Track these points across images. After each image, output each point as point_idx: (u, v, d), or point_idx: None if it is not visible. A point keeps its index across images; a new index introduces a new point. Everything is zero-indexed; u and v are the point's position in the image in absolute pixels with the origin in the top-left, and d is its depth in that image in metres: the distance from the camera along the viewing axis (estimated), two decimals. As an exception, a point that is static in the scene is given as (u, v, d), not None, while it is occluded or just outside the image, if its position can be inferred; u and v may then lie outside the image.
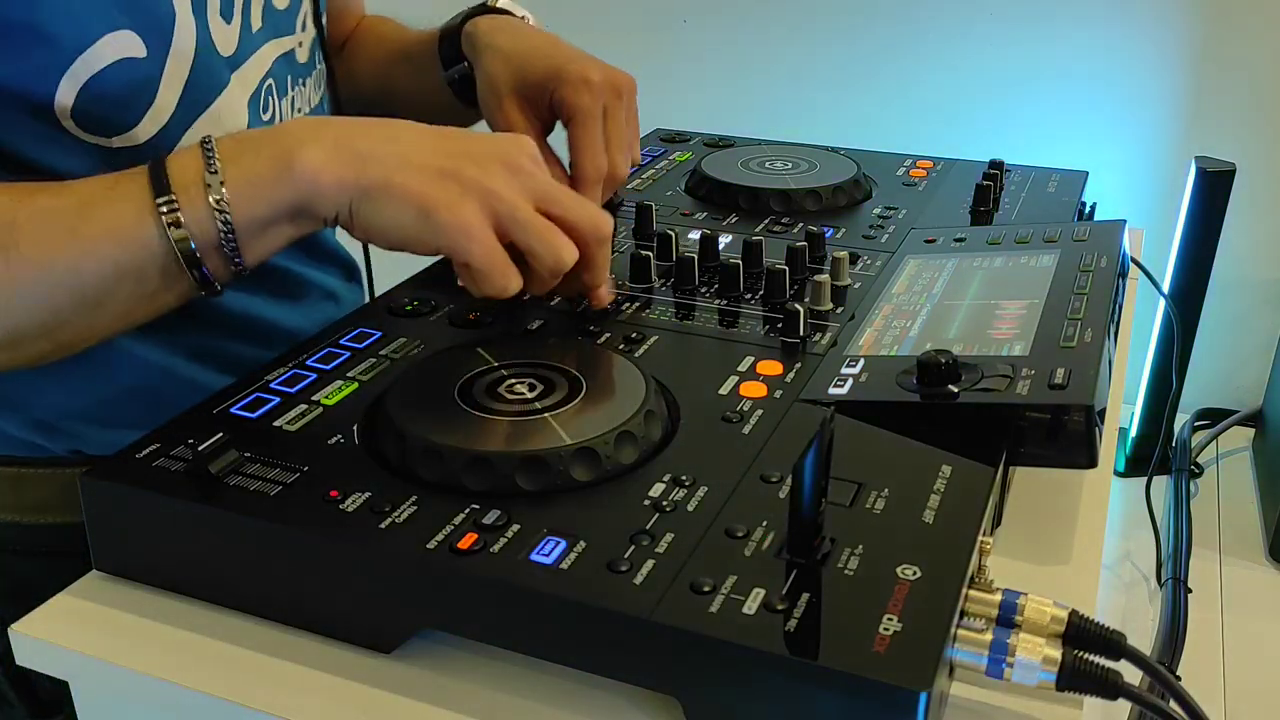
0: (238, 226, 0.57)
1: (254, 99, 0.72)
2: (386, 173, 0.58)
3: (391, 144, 0.59)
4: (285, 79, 0.76)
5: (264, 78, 0.73)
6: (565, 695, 0.48)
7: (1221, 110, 1.35)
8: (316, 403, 0.59)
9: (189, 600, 0.53)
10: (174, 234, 0.57)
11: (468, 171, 0.58)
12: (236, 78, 0.70)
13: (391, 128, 0.60)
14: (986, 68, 1.42)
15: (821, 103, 1.51)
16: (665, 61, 1.45)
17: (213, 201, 0.57)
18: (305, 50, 0.79)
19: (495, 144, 0.61)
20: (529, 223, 0.59)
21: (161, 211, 0.56)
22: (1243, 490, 1.28)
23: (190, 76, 0.66)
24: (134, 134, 0.65)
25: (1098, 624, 0.47)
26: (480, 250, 0.58)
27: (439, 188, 0.58)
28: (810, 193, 0.89)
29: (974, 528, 0.50)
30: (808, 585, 0.46)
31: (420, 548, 0.48)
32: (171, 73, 0.65)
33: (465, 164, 0.59)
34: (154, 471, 0.53)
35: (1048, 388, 0.56)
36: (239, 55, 0.70)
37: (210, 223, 0.57)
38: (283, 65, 0.76)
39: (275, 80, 0.75)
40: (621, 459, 0.53)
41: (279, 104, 0.75)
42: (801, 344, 0.66)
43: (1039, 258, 0.74)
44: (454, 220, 0.57)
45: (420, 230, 0.58)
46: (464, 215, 0.57)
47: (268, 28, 0.74)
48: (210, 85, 0.68)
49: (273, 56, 0.74)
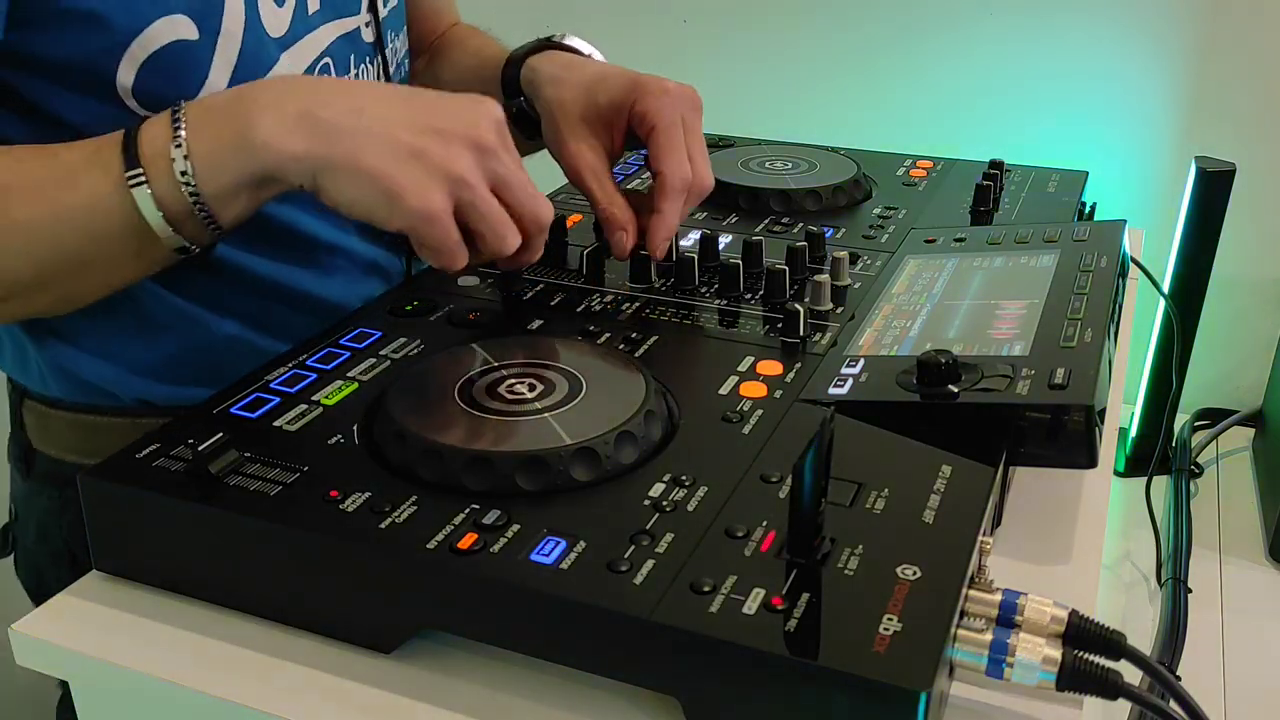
0: (205, 195, 0.59)
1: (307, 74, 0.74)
2: (352, 149, 0.58)
3: (356, 115, 0.59)
4: (347, 57, 0.78)
5: (320, 56, 0.75)
6: (565, 695, 0.48)
7: (1221, 110, 1.35)
8: (316, 403, 0.59)
9: (189, 600, 0.54)
10: (144, 205, 0.59)
11: (434, 152, 0.59)
12: (287, 56, 0.72)
13: (357, 94, 0.61)
14: (986, 68, 1.42)
15: (821, 103, 1.51)
16: (665, 61, 1.45)
17: (178, 174, 0.58)
18: (371, 31, 0.81)
19: (462, 115, 0.61)
20: (486, 212, 0.61)
21: (130, 184, 0.58)
22: (1243, 490, 1.27)
23: (240, 56, 0.68)
24: None
25: (1098, 624, 0.47)
26: (439, 234, 0.60)
27: (406, 171, 0.58)
28: (810, 193, 0.89)
29: (974, 528, 0.50)
30: (808, 585, 0.46)
31: (420, 548, 0.48)
32: (221, 53, 0.67)
33: (432, 142, 0.59)
34: (154, 471, 0.53)
35: (1048, 388, 0.56)
36: (291, 35, 0.72)
37: (178, 193, 0.59)
38: (343, 44, 0.77)
39: (334, 59, 0.76)
40: (621, 459, 0.53)
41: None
42: (801, 344, 0.66)
43: (1039, 258, 0.74)
44: (419, 207, 0.59)
45: (386, 212, 0.59)
46: (429, 202, 0.59)
47: (326, 9, 0.76)
48: (258, 64, 0.70)
49: (331, 36, 0.76)
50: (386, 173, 0.58)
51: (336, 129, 0.59)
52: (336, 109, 0.59)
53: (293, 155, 0.58)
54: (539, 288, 0.74)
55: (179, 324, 0.73)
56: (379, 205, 0.59)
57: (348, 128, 0.59)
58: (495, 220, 0.61)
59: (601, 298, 0.72)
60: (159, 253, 0.61)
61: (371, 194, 0.59)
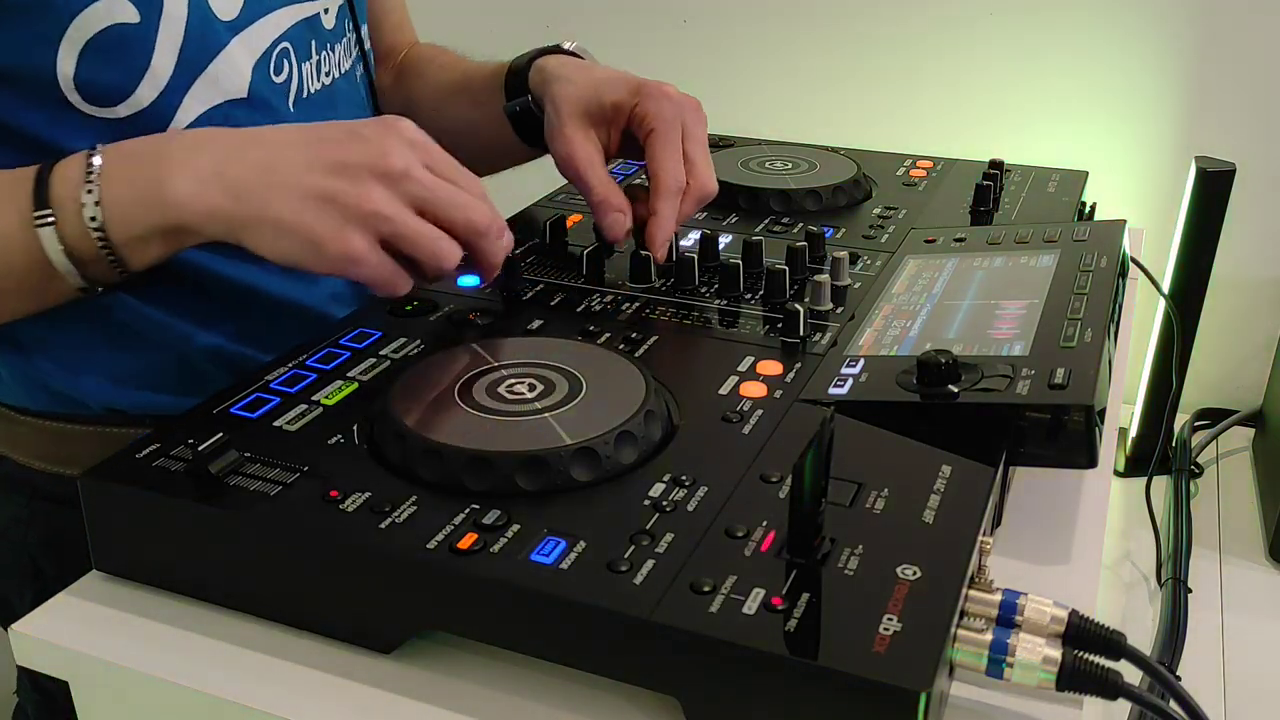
0: (114, 243, 0.59)
1: (262, 61, 0.73)
2: (263, 206, 0.59)
3: (266, 172, 0.59)
4: (308, 43, 0.77)
5: (277, 40, 0.74)
6: (565, 695, 0.48)
7: (1221, 110, 1.35)
8: (316, 403, 0.59)
9: (189, 600, 0.54)
10: (49, 245, 0.59)
11: (346, 194, 0.59)
12: (239, 40, 0.71)
13: (266, 147, 0.61)
14: (986, 68, 1.42)
15: (821, 103, 1.51)
16: (665, 61, 1.45)
17: (87, 219, 0.59)
18: (332, 17, 0.80)
19: (369, 147, 0.60)
20: (412, 236, 0.60)
21: (37, 225, 0.58)
22: (1243, 490, 1.27)
23: (184, 39, 0.67)
24: (136, 98, 0.66)
25: (1098, 624, 0.47)
26: (369, 271, 0.60)
27: (320, 220, 0.58)
28: (810, 193, 0.89)
29: (974, 528, 0.50)
30: (808, 585, 0.46)
31: (420, 548, 0.48)
32: (165, 36, 0.66)
33: (342, 184, 0.59)
34: (154, 471, 0.53)
35: (1048, 388, 0.56)
36: (243, 19, 0.72)
37: (87, 239, 0.59)
38: (303, 30, 0.77)
39: (293, 44, 0.76)
40: (621, 459, 0.53)
41: (297, 66, 0.76)
42: (801, 344, 0.66)
43: (1039, 258, 0.74)
44: (341, 252, 0.59)
45: (311, 261, 0.59)
46: (350, 245, 0.59)
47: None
48: (205, 48, 0.69)
49: (290, 21, 0.75)
50: (302, 224, 0.58)
51: (247, 186, 0.59)
52: (247, 164, 0.59)
53: (207, 213, 0.59)
54: (539, 288, 0.74)
55: (153, 336, 0.72)
56: (303, 256, 0.59)
57: (258, 184, 0.59)
58: (424, 243, 0.61)
59: (601, 298, 0.72)
60: (60, 289, 0.61)
61: (292, 246, 0.59)
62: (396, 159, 0.60)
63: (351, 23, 0.83)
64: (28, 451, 0.76)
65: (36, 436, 0.75)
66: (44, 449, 0.75)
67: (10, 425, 0.76)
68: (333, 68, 0.80)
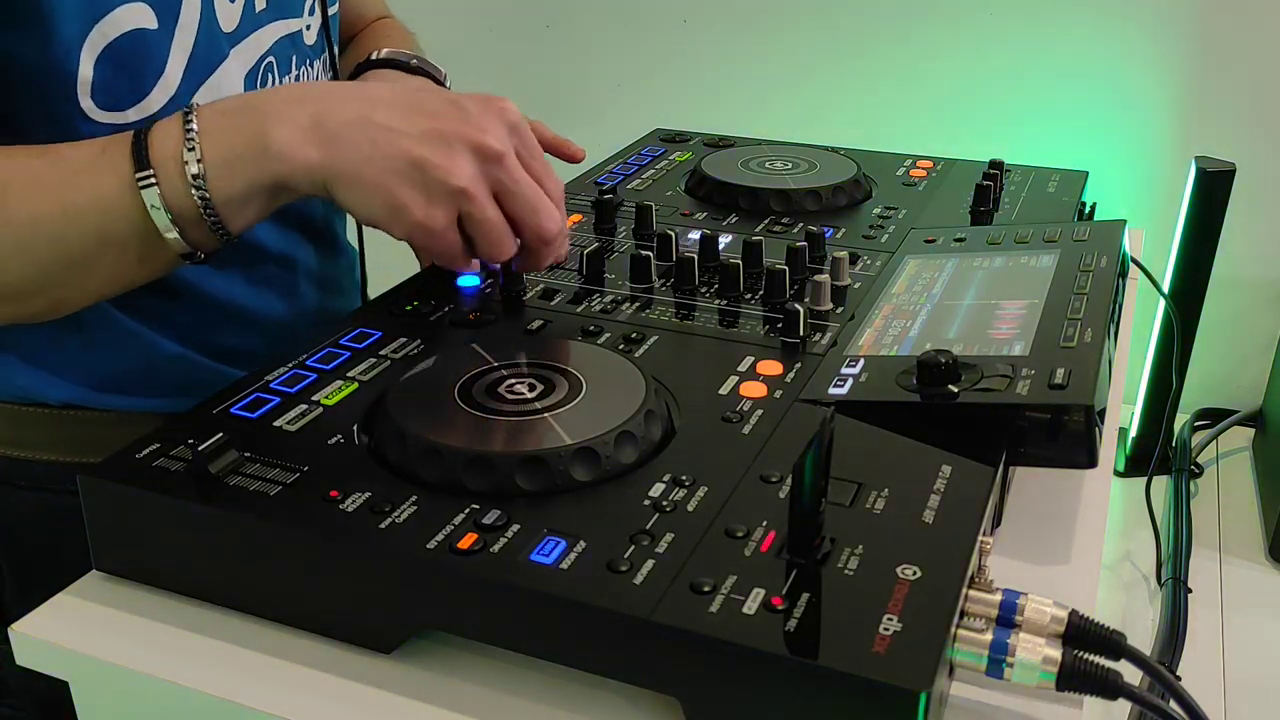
0: (216, 202, 0.59)
1: (251, 75, 0.73)
2: (356, 161, 0.59)
3: (364, 127, 0.59)
4: (289, 59, 0.78)
5: (264, 56, 0.75)
6: (565, 695, 0.48)
7: (1221, 110, 1.35)
8: (316, 403, 0.59)
9: (189, 600, 0.54)
10: (153, 208, 0.58)
11: (437, 163, 0.59)
12: (235, 53, 0.72)
13: (368, 101, 0.61)
14: (986, 68, 1.42)
15: (821, 103, 1.51)
16: (665, 61, 1.45)
17: (190, 178, 0.58)
18: (313, 33, 0.81)
19: (469, 121, 0.61)
20: (483, 222, 0.61)
21: (141, 186, 0.58)
22: (1243, 490, 1.28)
23: (194, 49, 0.68)
24: (147, 103, 0.66)
25: (1098, 624, 0.47)
26: (440, 245, 0.61)
27: (407, 187, 0.59)
28: (810, 193, 0.89)
29: (974, 528, 0.50)
30: (808, 585, 0.46)
31: (420, 548, 0.48)
32: (178, 43, 0.67)
33: (436, 151, 0.59)
34: (154, 471, 0.53)
35: (1048, 388, 0.56)
36: (239, 32, 0.72)
37: (189, 198, 0.59)
38: (286, 45, 0.77)
39: (277, 59, 0.76)
40: (621, 459, 0.53)
41: (279, 81, 0.77)
42: (801, 344, 0.66)
43: (1039, 258, 0.74)
44: (421, 221, 0.60)
45: (390, 222, 0.60)
46: (430, 218, 0.60)
47: (272, 9, 0.75)
48: (210, 58, 0.69)
49: (275, 36, 0.76)
50: (388, 186, 0.59)
51: (343, 139, 0.59)
52: (344, 117, 0.59)
53: (305, 165, 0.59)
54: (539, 288, 0.74)
55: (121, 340, 0.71)
56: (383, 217, 0.60)
57: (354, 139, 0.59)
58: (491, 230, 0.62)
59: (601, 298, 0.72)
60: (163, 257, 0.61)
61: (376, 206, 0.60)
62: (494, 139, 0.61)
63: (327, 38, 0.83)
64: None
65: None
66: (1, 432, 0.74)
67: None
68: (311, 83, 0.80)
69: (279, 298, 0.78)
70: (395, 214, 0.60)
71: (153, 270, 0.63)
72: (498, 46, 0.94)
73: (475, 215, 0.61)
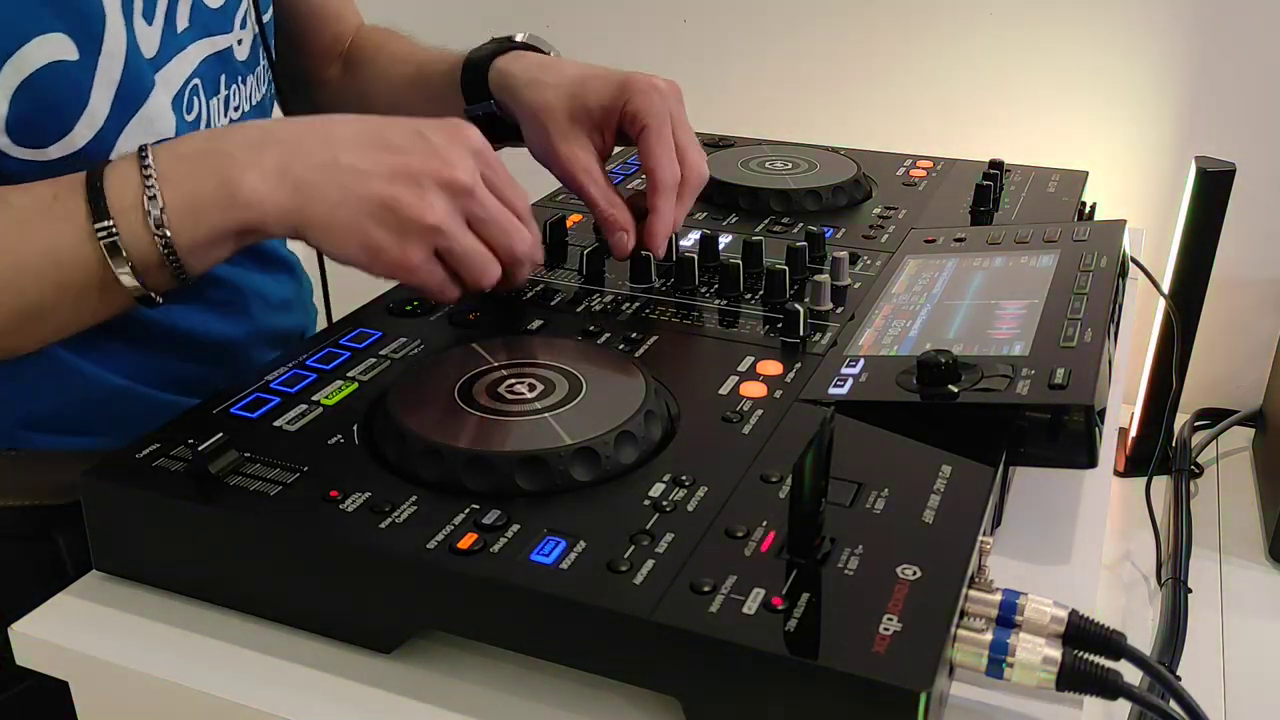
0: (179, 247, 0.58)
1: (177, 99, 0.70)
2: (329, 207, 0.58)
3: (331, 170, 0.59)
4: (217, 78, 0.75)
5: (190, 78, 0.72)
6: (565, 695, 0.48)
7: (1221, 110, 1.35)
8: (316, 403, 0.59)
9: (189, 600, 0.54)
10: (113, 258, 0.57)
11: (409, 205, 0.59)
12: (160, 78, 0.69)
13: (330, 144, 0.60)
14: (986, 68, 1.42)
15: (821, 103, 1.51)
16: (665, 61, 1.46)
17: (152, 225, 0.57)
18: (245, 48, 0.78)
19: (435, 156, 0.60)
20: (462, 254, 0.62)
21: (100, 237, 0.56)
22: (1243, 490, 1.27)
23: (121, 79, 0.65)
24: (71, 139, 0.64)
25: (1098, 624, 0.47)
26: (420, 280, 0.62)
27: (381, 229, 0.59)
28: (810, 193, 0.89)
29: (974, 528, 0.50)
30: (808, 585, 0.46)
31: (420, 548, 0.48)
32: (103, 75, 0.64)
33: (405, 192, 0.59)
34: (154, 471, 0.53)
35: (1048, 388, 0.56)
36: (161, 56, 0.69)
37: (151, 245, 0.57)
38: (214, 64, 0.74)
39: (202, 80, 0.73)
40: (621, 459, 0.53)
41: (206, 103, 0.74)
42: (801, 344, 0.66)
43: (1039, 258, 0.74)
44: (398, 261, 0.60)
45: (368, 264, 0.60)
46: (407, 256, 0.60)
47: (196, 27, 0.72)
48: (139, 88, 0.67)
49: (200, 56, 0.73)
50: (362, 229, 0.59)
51: (312, 185, 0.58)
52: (310, 161, 0.59)
53: (276, 211, 0.58)
54: (539, 288, 0.74)
55: (60, 377, 0.69)
56: (360, 259, 0.60)
57: (322, 183, 0.58)
58: (472, 261, 0.62)
59: (601, 298, 0.72)
60: (119, 302, 0.59)
61: (351, 249, 0.59)
62: (463, 172, 0.60)
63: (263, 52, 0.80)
64: None
65: None
66: None
67: None
68: (243, 101, 0.78)
69: (227, 321, 0.76)
70: (372, 255, 0.60)
71: (109, 314, 0.61)
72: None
73: (455, 249, 0.61)
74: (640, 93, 0.74)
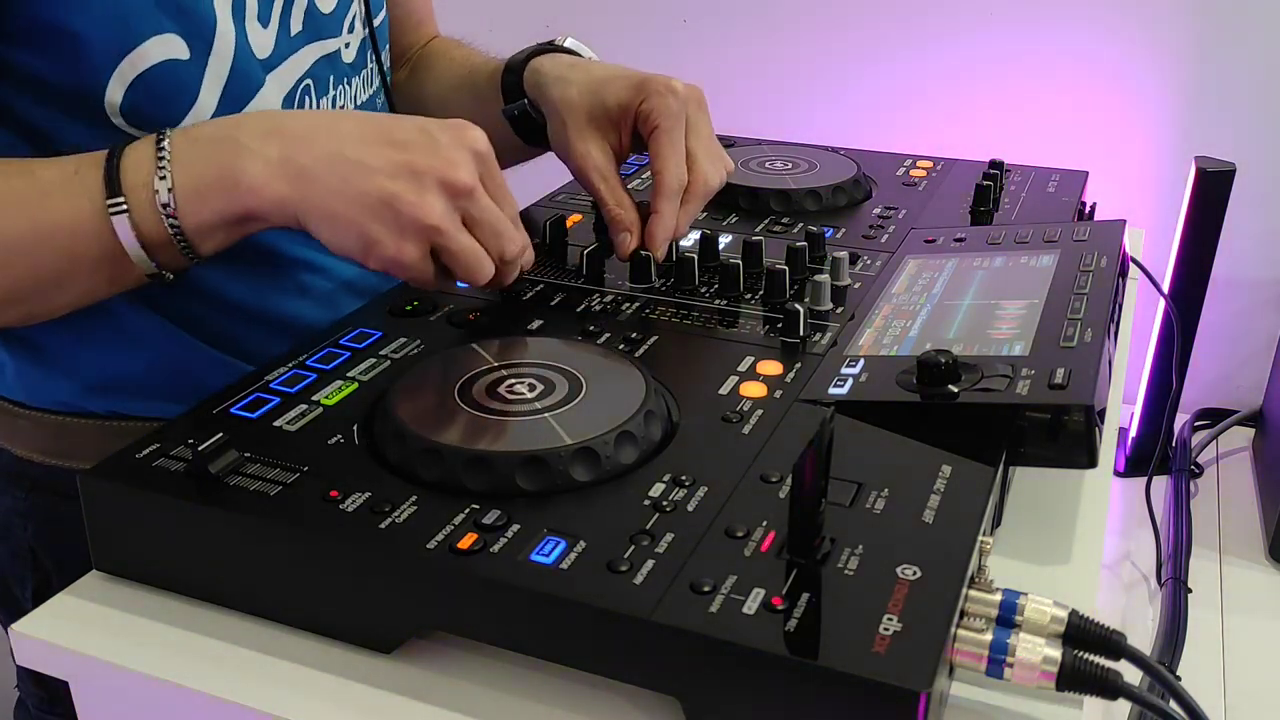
0: (186, 229, 0.60)
1: (289, 98, 0.74)
2: (327, 198, 0.59)
3: (335, 162, 0.60)
4: (327, 79, 0.78)
5: (301, 78, 0.75)
6: (565, 695, 0.48)
7: (1221, 110, 1.35)
8: (316, 403, 0.59)
9: (189, 600, 0.54)
10: (123, 234, 0.59)
11: (408, 201, 0.60)
12: (272, 78, 0.72)
13: (337, 137, 0.61)
14: (986, 67, 1.42)
15: (821, 103, 1.51)
16: (665, 61, 1.45)
17: (159, 205, 0.59)
18: (353, 51, 0.81)
19: (438, 155, 0.61)
20: (458, 252, 0.62)
21: (111, 212, 0.58)
22: (1243, 490, 1.28)
23: (229, 78, 0.68)
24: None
25: (1098, 624, 0.47)
26: (413, 275, 0.62)
27: (379, 224, 0.60)
28: (810, 193, 0.89)
29: (974, 528, 0.50)
30: (808, 585, 0.46)
31: (420, 548, 0.48)
32: (211, 74, 0.67)
33: (406, 188, 0.60)
34: (154, 471, 0.53)
35: (1048, 388, 0.56)
36: (275, 57, 0.73)
37: (159, 225, 0.59)
38: (324, 66, 0.77)
39: (315, 80, 0.76)
40: (621, 459, 0.53)
41: (317, 103, 0.77)
42: (801, 344, 0.66)
43: (1039, 258, 0.74)
44: (394, 257, 0.61)
45: (363, 257, 0.61)
46: (402, 253, 0.61)
47: (308, 31, 0.76)
48: (247, 86, 0.70)
49: (313, 58, 0.76)
50: (360, 223, 0.60)
51: (314, 175, 0.59)
52: (315, 152, 0.60)
53: (275, 200, 0.59)
54: (539, 288, 0.74)
55: (155, 341, 0.72)
56: (356, 251, 0.61)
57: (324, 175, 0.60)
58: (467, 258, 0.63)
59: (601, 298, 0.72)
60: (133, 276, 0.62)
61: (348, 241, 0.61)
62: (464, 173, 0.61)
63: (373, 53, 0.83)
64: (27, 445, 0.76)
65: (36, 430, 0.75)
66: (43, 443, 0.76)
67: (11, 419, 0.76)
68: (347, 102, 0.81)
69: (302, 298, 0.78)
70: (368, 249, 0.61)
71: (122, 288, 0.63)
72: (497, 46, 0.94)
73: (451, 247, 0.62)
74: (655, 94, 0.75)
